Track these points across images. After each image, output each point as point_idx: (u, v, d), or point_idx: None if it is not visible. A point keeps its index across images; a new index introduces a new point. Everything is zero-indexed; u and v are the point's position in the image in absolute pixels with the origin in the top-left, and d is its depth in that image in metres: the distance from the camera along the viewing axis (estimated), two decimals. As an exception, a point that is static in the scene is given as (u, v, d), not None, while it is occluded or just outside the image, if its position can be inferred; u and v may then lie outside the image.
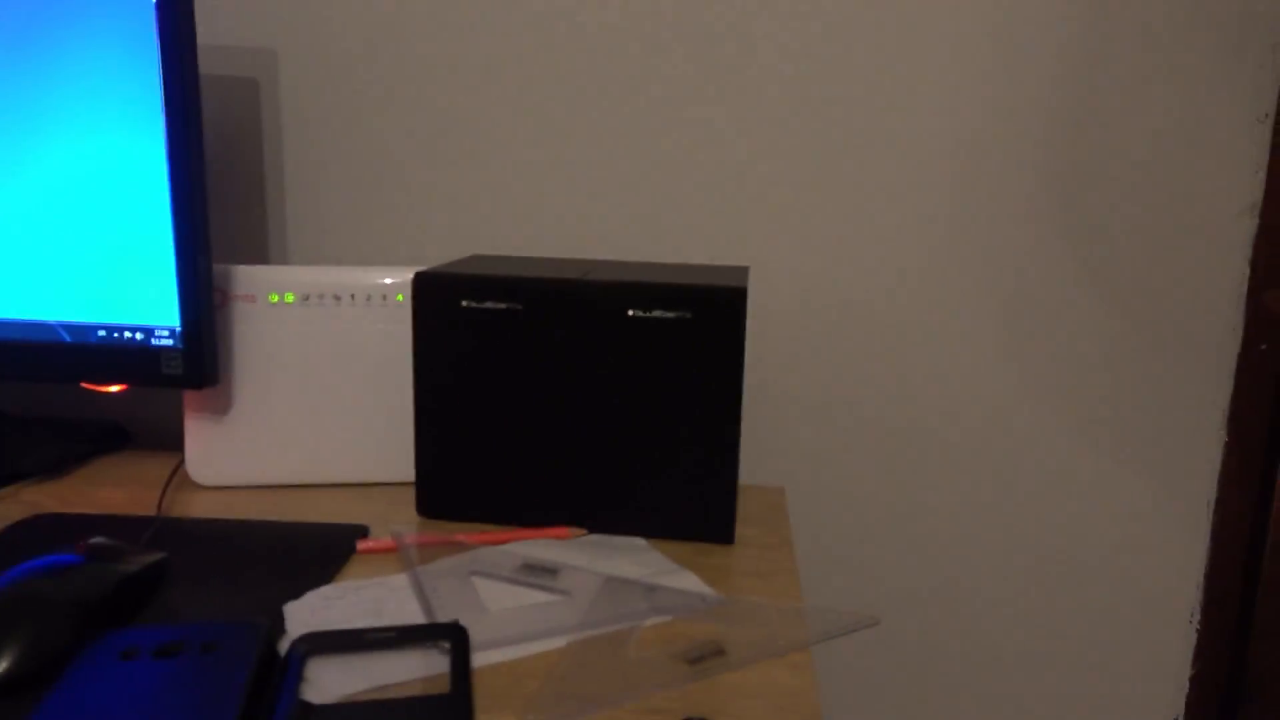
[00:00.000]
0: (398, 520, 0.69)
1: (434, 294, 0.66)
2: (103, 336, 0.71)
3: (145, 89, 0.67)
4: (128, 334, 0.71)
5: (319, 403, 0.74)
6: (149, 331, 0.71)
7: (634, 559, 0.62)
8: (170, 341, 0.71)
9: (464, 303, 0.66)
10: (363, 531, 0.67)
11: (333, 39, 0.84)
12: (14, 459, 0.78)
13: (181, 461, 0.78)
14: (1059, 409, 0.84)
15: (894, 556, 0.88)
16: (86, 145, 0.69)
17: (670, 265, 0.74)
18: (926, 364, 0.84)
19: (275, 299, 0.73)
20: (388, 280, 0.73)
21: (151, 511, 0.70)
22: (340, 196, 0.86)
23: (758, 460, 0.87)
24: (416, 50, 0.84)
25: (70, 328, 0.72)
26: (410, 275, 0.73)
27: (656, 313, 0.64)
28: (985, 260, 0.83)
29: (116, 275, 0.70)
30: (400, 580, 0.59)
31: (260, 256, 0.87)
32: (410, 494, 0.74)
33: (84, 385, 0.73)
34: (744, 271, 0.70)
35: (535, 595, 0.57)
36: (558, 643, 0.53)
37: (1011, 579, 0.87)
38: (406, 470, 0.75)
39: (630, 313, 0.64)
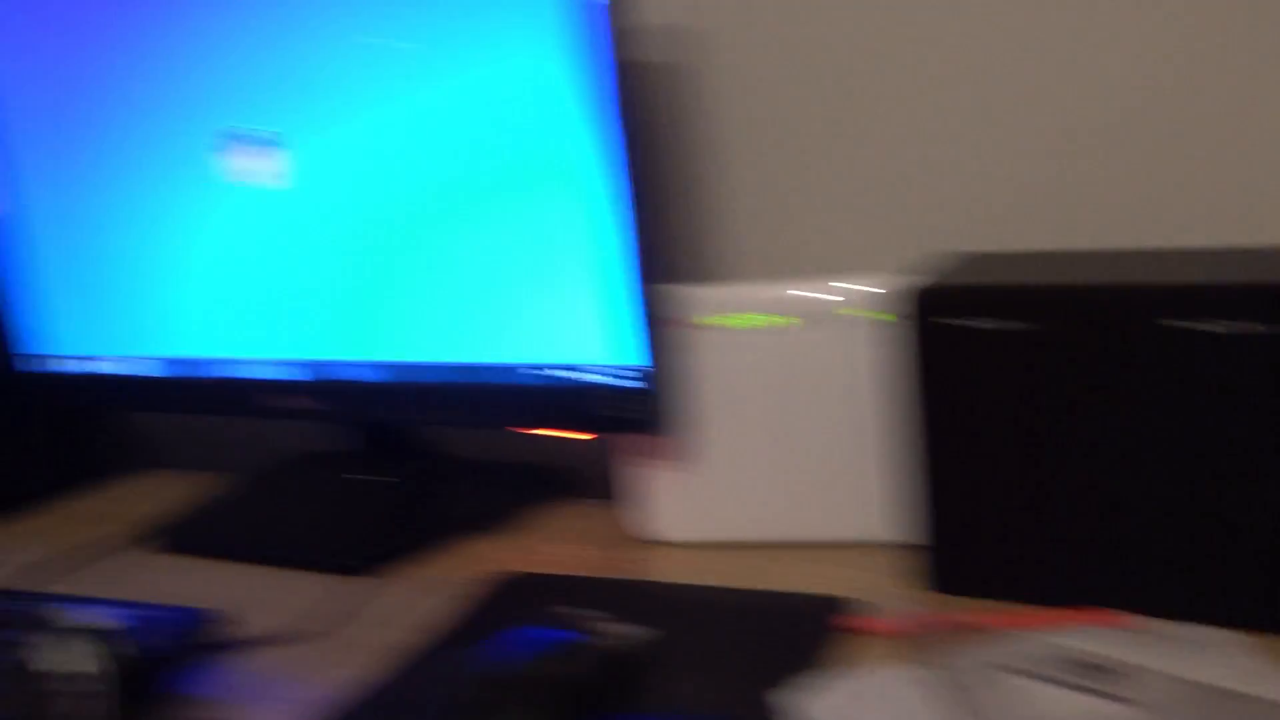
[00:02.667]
0: (880, 590, 0.61)
1: (943, 312, 0.56)
2: (547, 376, 0.66)
3: (573, 89, 0.61)
4: (577, 374, 0.66)
5: (784, 445, 0.66)
6: (604, 371, 0.65)
7: (1219, 659, 0.51)
8: (627, 381, 0.64)
9: (982, 323, 0.54)
10: (851, 606, 0.59)
11: (764, 10, 0.75)
12: (459, 508, 0.76)
13: (621, 512, 0.73)
14: None
15: None
16: (512, 157, 0.64)
17: (1236, 251, 0.59)
18: None
19: (727, 322, 0.65)
20: (868, 293, 0.63)
21: (600, 570, 0.67)
22: (776, 197, 0.78)
23: None
24: (858, 19, 0.73)
25: (517, 370, 0.67)
26: (899, 287, 0.61)
27: (1245, 325, 0.50)
28: None
29: (555, 306, 0.66)
30: (911, 673, 0.52)
31: (692, 272, 0.81)
32: (885, 558, 0.65)
33: (538, 432, 0.68)
34: None
35: (1088, 703, 0.49)
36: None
37: None
38: (882, 529, 0.66)
39: (1207, 329, 0.51)
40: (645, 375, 0.64)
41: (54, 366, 0.84)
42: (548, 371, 0.67)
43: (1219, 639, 0.53)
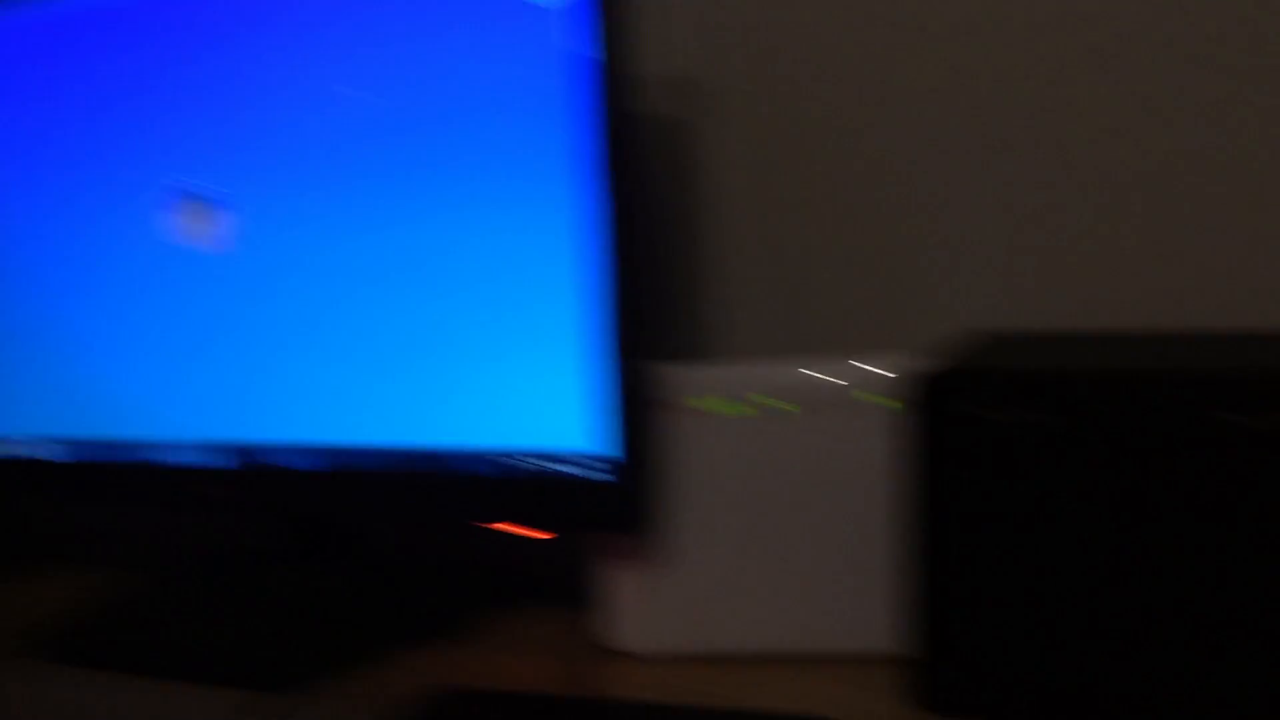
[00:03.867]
0: (874, 712, 0.54)
1: (956, 400, 0.50)
2: (505, 465, 0.59)
3: (550, 136, 0.56)
4: (540, 463, 0.59)
5: (773, 549, 0.59)
6: (575, 461, 0.58)
7: None
8: (598, 473, 0.57)
9: (995, 414, 0.49)
10: None
11: (773, 62, 0.71)
12: (400, 614, 0.68)
13: (590, 621, 0.65)
14: None
15: None
16: (475, 216, 0.59)
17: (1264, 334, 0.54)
18: None
19: (717, 407, 0.58)
20: (877, 376, 0.57)
21: (559, 685, 0.59)
22: (779, 267, 0.72)
23: None
24: (878, 74, 0.69)
25: (470, 457, 0.60)
26: (910, 370, 0.56)
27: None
28: None
29: (518, 384, 0.59)
30: None
31: (681, 350, 0.75)
32: (886, 674, 0.58)
33: (494, 528, 0.61)
34: None
35: None
36: None
37: None
38: (885, 639, 0.59)
39: (1252, 423, 0.45)
40: (619, 467, 0.57)
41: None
42: (506, 460, 0.59)
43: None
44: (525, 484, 0.59)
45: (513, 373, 0.59)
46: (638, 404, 0.56)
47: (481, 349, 0.60)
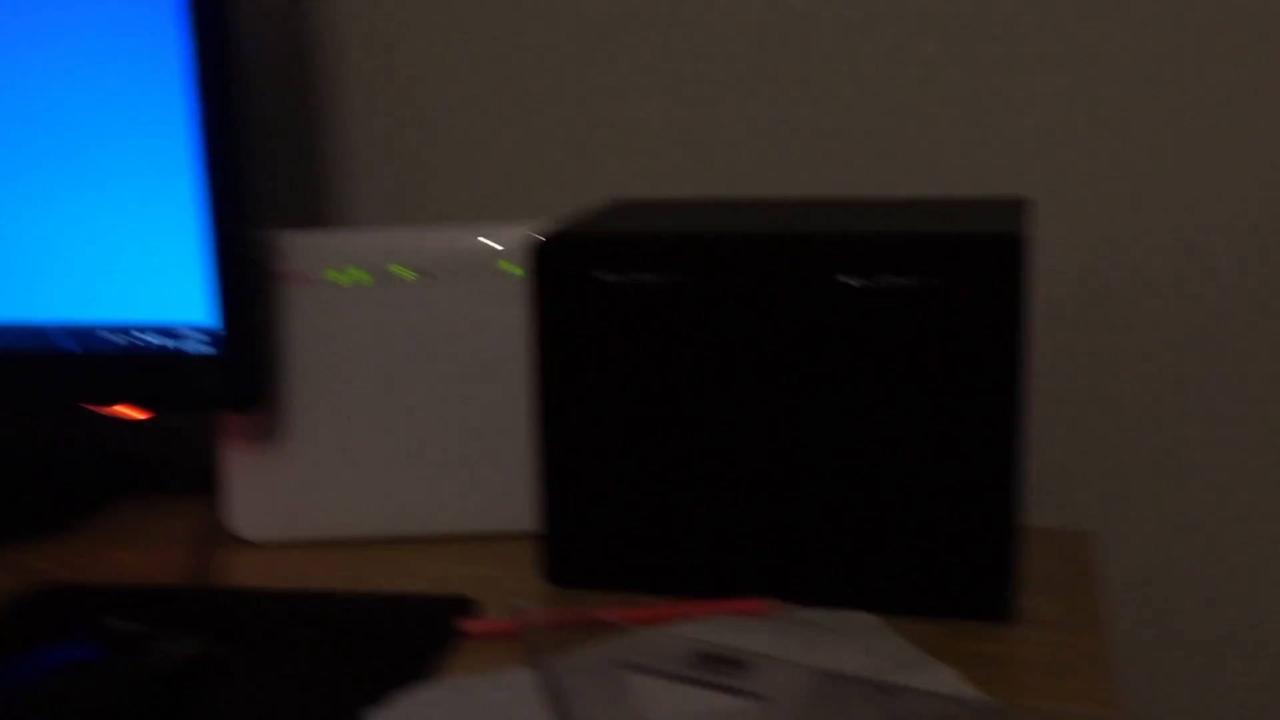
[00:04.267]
0: (516, 589, 0.54)
1: (566, 263, 0.49)
2: (109, 342, 0.55)
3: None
4: (143, 336, 0.54)
5: (403, 425, 0.57)
6: (171, 333, 0.54)
7: (859, 645, 0.48)
8: (202, 346, 0.53)
9: (608, 275, 0.48)
10: (469, 606, 0.52)
11: None
12: (5, 511, 0.63)
13: (217, 509, 0.62)
14: None
15: (1268, 641, 0.66)
16: (77, 79, 0.53)
17: (903, 202, 0.55)
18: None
19: (338, 277, 0.55)
20: (494, 245, 0.56)
21: (185, 578, 0.56)
22: (404, 132, 0.69)
23: (1049, 493, 0.66)
24: None
25: (71, 331, 0.55)
26: (527, 237, 0.54)
27: (892, 279, 0.46)
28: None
29: (121, 253, 0.54)
30: (525, 678, 0.47)
31: (309, 217, 0.70)
32: (530, 551, 0.58)
33: (91, 409, 0.56)
34: (1020, 208, 0.51)
35: (716, 700, 0.45)
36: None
37: None
38: (526, 518, 0.58)
39: (852, 282, 0.46)
40: (223, 339, 0.53)
41: None
42: (104, 334, 0.55)
43: (859, 624, 0.49)
44: (125, 361, 0.55)
45: (111, 242, 0.54)
46: (244, 273, 0.53)
47: (71, 215, 0.55)
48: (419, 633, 0.49)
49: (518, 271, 0.55)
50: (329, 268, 0.55)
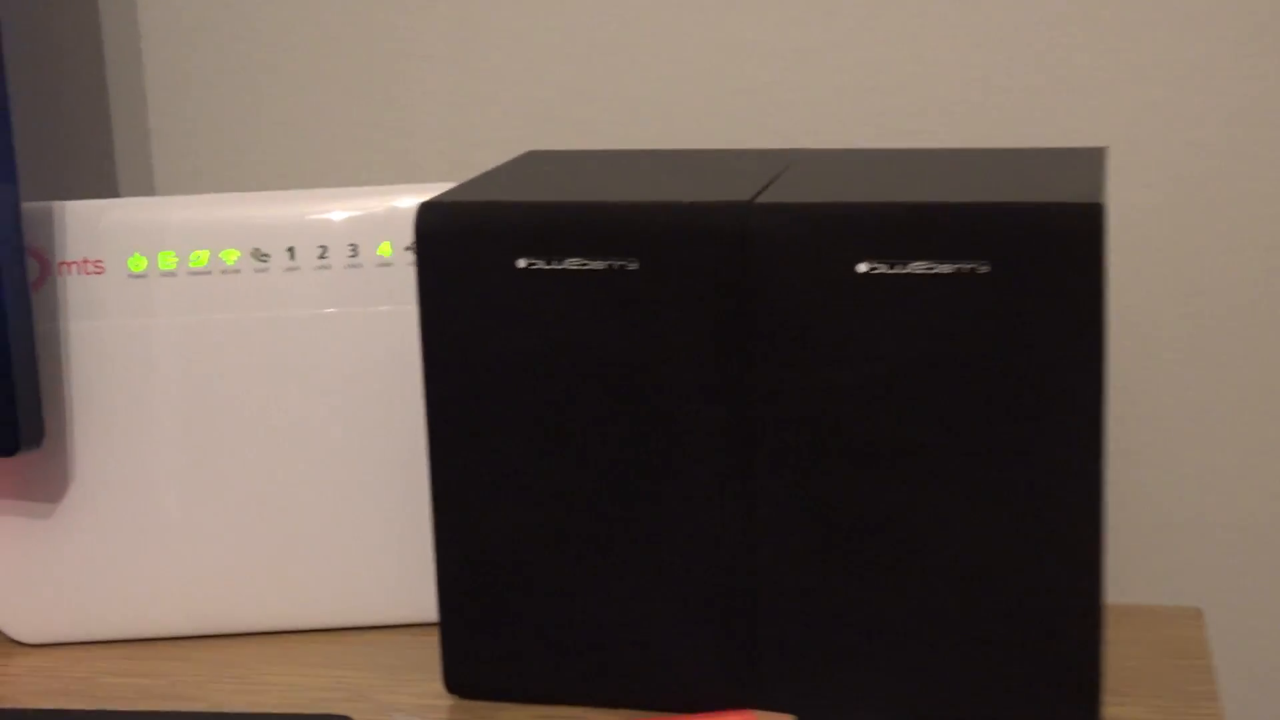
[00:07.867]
0: (397, 701, 0.42)
1: (463, 246, 0.36)
2: None
3: None
4: None
5: (236, 481, 0.44)
6: None
7: None
8: None
9: (524, 262, 0.36)
10: None
11: None
12: None
13: None
14: None
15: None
16: None
17: (920, 153, 0.43)
18: None
19: (143, 265, 0.42)
20: (374, 211, 0.43)
21: None
22: (253, 76, 0.58)
23: (1142, 560, 0.55)
24: None
25: None
26: (412, 204, 0.42)
27: (918, 266, 0.34)
28: None
29: None
30: None
31: (108, 186, 0.59)
32: (417, 648, 0.44)
33: None
34: (1097, 161, 0.39)
35: None
36: None
37: None
38: (408, 604, 0.45)
39: (862, 268, 0.34)
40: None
41: None
42: None
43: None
44: None
45: None
46: (7, 262, 0.38)
47: None
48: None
49: (388, 252, 0.42)
50: (129, 253, 0.42)
